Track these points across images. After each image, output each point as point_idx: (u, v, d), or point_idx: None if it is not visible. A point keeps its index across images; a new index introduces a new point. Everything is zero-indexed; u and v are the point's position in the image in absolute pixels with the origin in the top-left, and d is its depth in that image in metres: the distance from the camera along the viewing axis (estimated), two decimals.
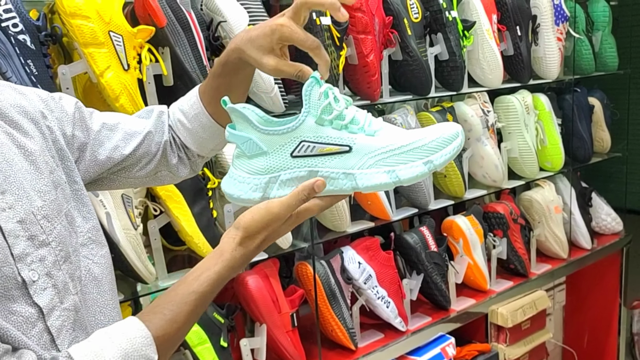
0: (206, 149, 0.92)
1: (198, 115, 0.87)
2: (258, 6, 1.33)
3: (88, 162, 0.81)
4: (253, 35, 0.76)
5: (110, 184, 0.88)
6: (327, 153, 0.71)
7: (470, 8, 1.78)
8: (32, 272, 0.64)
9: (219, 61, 0.81)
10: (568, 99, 2.15)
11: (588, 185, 2.32)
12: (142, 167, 0.87)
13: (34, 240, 0.65)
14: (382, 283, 1.60)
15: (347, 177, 0.70)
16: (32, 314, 0.64)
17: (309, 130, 0.70)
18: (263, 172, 0.72)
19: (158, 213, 1.29)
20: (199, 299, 0.68)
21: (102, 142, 0.82)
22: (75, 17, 1.04)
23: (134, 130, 0.86)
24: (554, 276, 2.11)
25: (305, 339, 1.51)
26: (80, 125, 0.80)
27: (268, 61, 0.75)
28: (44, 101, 0.76)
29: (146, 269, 1.21)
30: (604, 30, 2.27)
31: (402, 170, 0.69)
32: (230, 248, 0.70)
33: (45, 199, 0.68)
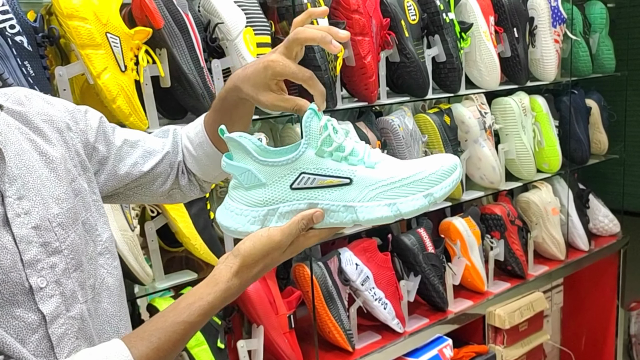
0: (210, 176, 0.93)
1: (202, 144, 0.88)
2: (255, 8, 1.34)
3: (107, 175, 0.82)
4: (248, 72, 0.76)
5: (125, 199, 0.89)
6: (328, 185, 0.70)
7: (467, 10, 1.78)
8: (41, 279, 0.65)
9: (219, 97, 0.82)
10: (565, 101, 2.15)
11: (585, 187, 2.32)
12: (159, 186, 0.89)
13: (47, 247, 0.66)
14: (380, 284, 1.60)
15: (348, 210, 0.70)
16: (34, 320, 0.64)
17: (308, 162, 0.69)
18: (261, 204, 0.71)
19: (155, 214, 1.29)
20: (188, 328, 0.67)
21: (123, 157, 0.84)
22: (72, 19, 1.04)
23: (153, 148, 0.88)
24: (551, 278, 2.11)
25: (303, 341, 1.51)
26: (102, 139, 0.81)
27: (265, 98, 0.76)
28: (70, 112, 0.78)
29: (143, 271, 1.21)
30: (601, 32, 2.27)
31: (403, 203, 0.68)
32: (226, 278, 0.68)
33: (62, 206, 0.69)
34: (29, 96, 0.74)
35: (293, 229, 0.69)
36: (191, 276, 1.33)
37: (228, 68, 1.33)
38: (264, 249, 0.68)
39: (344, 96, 1.64)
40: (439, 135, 1.73)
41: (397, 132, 1.60)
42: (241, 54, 1.28)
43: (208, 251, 1.29)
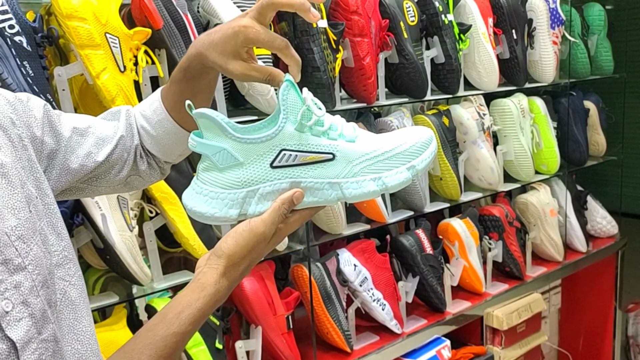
0: (173, 155, 0.86)
1: (162, 121, 0.81)
2: None
3: (59, 171, 0.73)
4: (215, 39, 0.70)
5: (79, 194, 0.81)
6: (310, 162, 0.66)
7: (466, 11, 1.79)
8: (6, 301, 0.56)
9: (180, 66, 0.76)
10: (564, 103, 2.16)
11: (583, 189, 2.33)
12: (115, 175, 0.82)
13: (8, 264, 0.57)
14: (378, 285, 1.60)
15: (332, 187, 0.67)
16: (3, 350, 0.55)
17: (289, 138, 0.65)
18: (239, 185, 0.65)
19: (154, 215, 1.29)
20: (180, 340, 0.62)
21: (74, 148, 0.75)
22: (71, 19, 1.04)
23: (106, 134, 0.80)
24: (549, 279, 2.11)
25: (301, 341, 1.51)
26: (49, 131, 0.72)
27: (234, 67, 0.70)
28: (12, 105, 0.68)
29: (141, 271, 1.21)
30: (599, 34, 2.28)
31: (388, 177, 0.66)
32: (213, 280, 0.64)
33: (19, 217, 0.60)
34: None
35: (275, 216, 0.65)
36: (189, 277, 1.33)
37: None
38: (249, 244, 0.64)
39: (343, 97, 1.64)
40: (438, 136, 1.73)
41: None
42: None
43: (206, 251, 1.29)
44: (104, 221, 1.14)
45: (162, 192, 1.24)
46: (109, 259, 1.19)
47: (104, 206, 1.15)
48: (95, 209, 1.14)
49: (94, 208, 1.14)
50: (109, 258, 1.18)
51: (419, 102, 1.82)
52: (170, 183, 1.25)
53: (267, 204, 0.66)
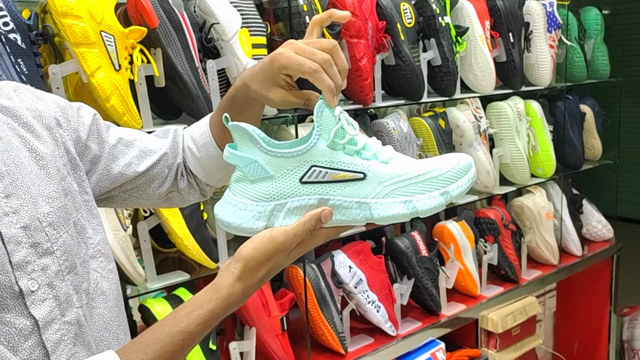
0: (213, 179, 0.89)
1: (207, 145, 0.84)
2: (251, 9, 1.33)
3: (100, 175, 0.78)
4: (256, 69, 0.73)
5: (122, 202, 0.85)
6: (340, 180, 0.66)
7: (463, 14, 1.79)
8: (32, 281, 0.61)
9: (228, 96, 0.79)
10: (560, 106, 2.16)
11: (579, 192, 2.33)
12: (156, 188, 0.85)
13: (37, 247, 0.62)
14: (373, 287, 1.59)
15: (361, 207, 0.66)
16: (26, 326, 0.60)
17: (320, 155, 0.65)
18: (268, 198, 0.66)
19: (148, 215, 1.28)
20: (187, 339, 0.63)
21: (117, 156, 0.80)
22: (66, 17, 1.04)
23: (150, 148, 0.84)
24: (544, 282, 2.11)
25: (295, 343, 1.50)
26: (96, 138, 0.77)
27: (274, 95, 0.72)
28: (62, 109, 0.74)
29: (135, 271, 1.20)
30: (596, 38, 2.28)
31: (420, 201, 0.65)
32: (228, 284, 0.64)
33: (53, 205, 0.65)
34: (18, 90, 0.71)
35: (299, 230, 0.65)
36: (183, 277, 1.32)
37: (223, 69, 1.33)
38: (268, 252, 0.64)
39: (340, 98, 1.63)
40: (434, 138, 1.73)
41: (392, 135, 1.60)
42: (236, 54, 1.28)
43: (201, 252, 1.29)
44: None
45: None
46: None
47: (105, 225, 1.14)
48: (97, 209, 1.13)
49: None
50: None
51: (416, 104, 1.82)
52: None
53: (294, 218, 0.66)
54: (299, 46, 0.69)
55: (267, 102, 0.74)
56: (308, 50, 0.68)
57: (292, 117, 1.43)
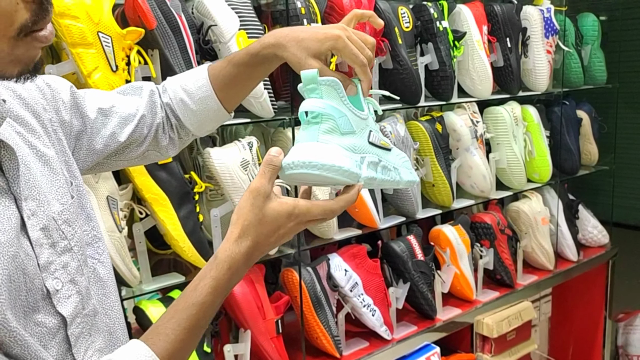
0: (204, 130, 0.91)
1: (206, 98, 0.86)
2: (249, 11, 1.33)
3: (85, 151, 0.78)
4: (302, 36, 0.76)
5: (98, 168, 0.86)
6: (382, 147, 0.76)
7: (461, 19, 1.79)
8: (56, 280, 0.62)
9: (249, 51, 0.81)
10: (556, 112, 2.17)
11: (575, 198, 2.33)
12: (133, 150, 0.86)
13: (56, 247, 0.64)
14: (368, 291, 1.59)
15: (395, 171, 0.78)
16: (55, 324, 0.62)
17: (372, 123, 0.76)
18: (355, 151, 0.71)
19: (144, 216, 1.28)
20: (200, 310, 0.63)
21: (99, 129, 0.80)
22: (64, 17, 1.04)
23: (128, 112, 0.84)
24: (540, 287, 2.11)
25: (290, 346, 1.50)
26: (76, 112, 0.77)
27: (312, 63, 0.75)
28: (41, 90, 0.73)
29: (130, 272, 1.20)
30: (593, 44, 2.29)
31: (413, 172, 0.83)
32: (224, 248, 0.65)
33: (63, 202, 0.66)
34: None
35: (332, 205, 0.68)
36: (179, 279, 1.32)
37: None
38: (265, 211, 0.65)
39: None
40: (431, 142, 1.73)
41: (389, 138, 1.60)
42: None
43: (196, 254, 1.29)
44: None
45: (152, 193, 1.23)
46: None
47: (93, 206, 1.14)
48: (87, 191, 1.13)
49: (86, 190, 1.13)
50: None
51: (413, 108, 1.82)
52: (160, 184, 1.24)
53: (371, 172, 0.73)
54: (353, 37, 0.75)
55: (300, 67, 0.76)
56: (359, 44, 0.75)
57: (290, 119, 1.43)
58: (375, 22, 0.82)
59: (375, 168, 0.74)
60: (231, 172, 1.28)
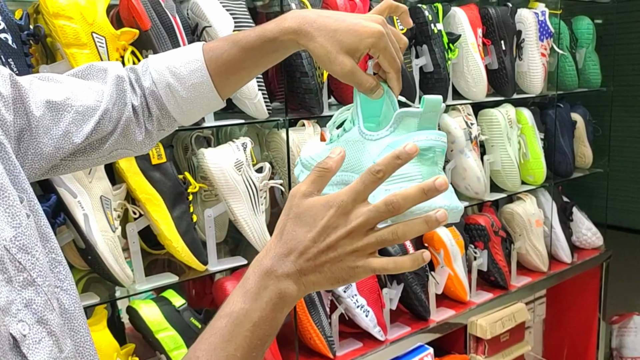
0: (191, 119, 0.78)
1: (200, 84, 0.73)
2: (243, 12, 1.34)
3: (32, 156, 0.64)
4: (335, 26, 0.65)
5: (55, 171, 0.71)
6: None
7: (455, 21, 1.80)
8: (21, 323, 0.50)
9: (264, 34, 0.69)
10: (551, 114, 2.17)
11: (569, 200, 2.34)
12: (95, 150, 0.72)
13: (14, 282, 0.50)
14: (362, 292, 1.60)
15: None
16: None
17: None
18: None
19: (137, 216, 1.28)
20: (230, 322, 0.55)
21: (48, 128, 0.65)
22: (58, 18, 1.04)
23: (87, 105, 0.68)
24: (533, 289, 2.12)
25: (283, 346, 1.50)
26: (19, 108, 0.62)
27: (345, 61, 0.65)
28: None
29: (123, 272, 1.20)
30: (587, 47, 2.30)
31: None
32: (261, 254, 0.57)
33: (15, 224, 0.52)
34: None
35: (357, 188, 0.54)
36: (172, 279, 1.32)
37: None
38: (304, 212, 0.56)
39: (332, 103, 1.64)
40: None
41: None
42: None
43: (190, 254, 1.29)
44: (86, 221, 1.14)
45: (146, 193, 1.24)
46: (90, 260, 1.18)
47: (86, 206, 1.15)
48: (77, 208, 1.13)
49: (76, 208, 1.13)
50: (90, 259, 1.17)
51: None
52: (154, 184, 1.25)
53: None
54: (391, 36, 0.67)
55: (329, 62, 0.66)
56: (396, 47, 0.67)
57: (283, 121, 1.43)
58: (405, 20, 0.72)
59: None
60: (225, 172, 1.29)
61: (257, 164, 1.37)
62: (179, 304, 1.30)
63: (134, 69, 0.77)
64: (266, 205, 1.39)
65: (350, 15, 0.67)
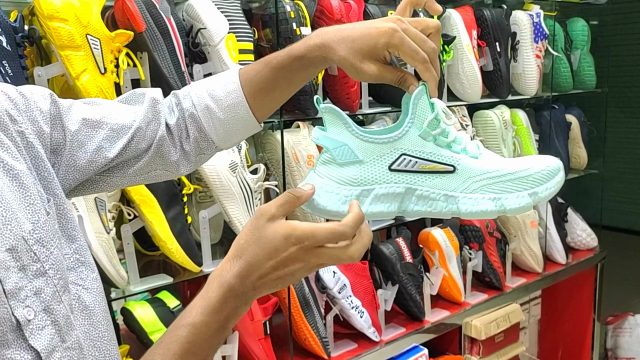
0: (230, 142, 0.80)
1: (236, 105, 0.76)
2: (238, 15, 1.34)
3: (66, 167, 0.69)
4: (354, 35, 0.67)
5: (93, 188, 0.75)
6: (430, 171, 0.65)
7: (450, 23, 1.81)
8: (27, 309, 0.54)
9: (291, 53, 0.71)
10: (546, 116, 2.18)
11: (564, 201, 2.35)
12: (130, 166, 0.76)
13: (27, 270, 0.55)
14: (357, 293, 1.60)
15: (448, 200, 0.65)
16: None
17: (411, 144, 0.64)
18: (355, 183, 0.65)
19: (132, 217, 1.29)
20: (191, 332, 0.58)
21: (83, 143, 0.70)
22: (52, 20, 1.05)
23: (122, 123, 0.73)
24: (528, 290, 2.13)
25: (278, 347, 1.51)
26: (57, 124, 0.68)
27: (369, 67, 0.67)
28: (12, 100, 0.64)
29: (117, 274, 1.20)
30: (582, 48, 2.31)
31: (509, 199, 0.65)
32: (221, 269, 0.61)
33: (35, 220, 0.58)
34: None
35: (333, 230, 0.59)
36: (166, 280, 1.33)
37: (210, 73, 1.33)
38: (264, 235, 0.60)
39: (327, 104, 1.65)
40: None
41: None
42: (223, 60, 1.29)
43: (184, 255, 1.29)
44: (80, 222, 1.14)
45: (140, 194, 1.24)
46: None
47: (80, 207, 1.15)
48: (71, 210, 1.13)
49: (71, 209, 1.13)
50: None
51: None
52: (149, 186, 1.25)
53: (380, 205, 0.65)
54: (410, 29, 0.66)
55: (356, 71, 0.68)
56: (420, 37, 0.66)
57: (278, 122, 1.44)
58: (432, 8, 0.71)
59: (390, 200, 0.65)
60: (220, 174, 1.29)
61: (251, 165, 1.38)
62: (174, 305, 1.31)
63: (175, 94, 0.81)
64: None
65: (366, 22, 0.68)
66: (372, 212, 0.65)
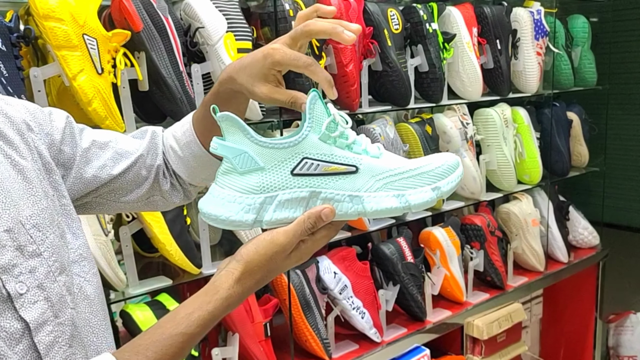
0: (197, 179, 0.87)
1: (190, 143, 0.83)
2: (237, 13, 1.33)
3: (73, 179, 0.76)
4: (245, 62, 0.72)
5: (100, 208, 0.83)
6: (332, 173, 0.65)
7: (450, 21, 1.79)
8: (20, 284, 0.60)
9: (212, 92, 0.77)
10: (547, 113, 2.17)
11: (565, 199, 2.34)
12: (132, 191, 0.83)
13: (23, 250, 0.62)
14: (358, 293, 1.59)
15: (353, 200, 0.66)
16: (17, 329, 0.60)
17: (312, 147, 0.65)
18: (257, 190, 0.64)
19: (130, 219, 1.27)
20: (186, 341, 0.62)
21: (90, 159, 0.78)
22: (48, 19, 1.03)
23: (126, 150, 0.82)
24: (530, 289, 2.12)
25: (279, 349, 1.50)
26: (69, 141, 0.76)
27: (260, 90, 0.71)
28: (31, 113, 0.72)
29: (116, 276, 1.19)
30: (583, 46, 2.30)
31: (412, 195, 0.66)
32: (227, 285, 0.63)
33: (34, 207, 0.64)
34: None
35: (298, 229, 0.64)
36: (166, 282, 1.31)
37: (208, 73, 1.32)
38: (267, 253, 0.64)
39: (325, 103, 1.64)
40: (420, 144, 1.73)
41: (378, 141, 1.60)
42: (221, 59, 1.27)
43: (183, 257, 1.28)
44: None
45: None
46: None
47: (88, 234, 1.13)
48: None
49: None
50: None
51: (402, 111, 1.82)
52: None
53: (285, 212, 0.65)
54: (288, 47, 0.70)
55: (252, 96, 0.73)
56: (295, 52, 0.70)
57: (278, 122, 1.42)
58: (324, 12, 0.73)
59: (295, 205, 0.65)
60: None
61: None
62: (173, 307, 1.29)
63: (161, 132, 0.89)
64: None
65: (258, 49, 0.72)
66: (277, 219, 0.65)
